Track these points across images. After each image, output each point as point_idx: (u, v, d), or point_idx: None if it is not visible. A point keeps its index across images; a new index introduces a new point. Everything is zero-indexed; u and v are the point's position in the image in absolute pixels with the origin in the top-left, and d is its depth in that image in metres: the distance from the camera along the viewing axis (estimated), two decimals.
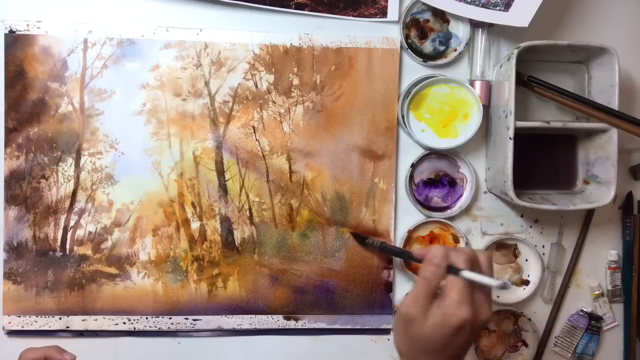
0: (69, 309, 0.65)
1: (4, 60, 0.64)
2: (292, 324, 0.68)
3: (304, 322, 0.68)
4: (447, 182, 0.68)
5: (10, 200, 0.64)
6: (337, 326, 0.68)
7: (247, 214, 0.67)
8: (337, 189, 0.67)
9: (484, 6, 0.65)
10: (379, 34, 0.67)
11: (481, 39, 0.67)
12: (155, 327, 0.66)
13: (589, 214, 0.70)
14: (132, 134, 0.65)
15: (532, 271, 0.69)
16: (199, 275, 0.66)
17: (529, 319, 0.69)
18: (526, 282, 0.69)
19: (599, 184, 0.66)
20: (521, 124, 0.61)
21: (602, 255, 0.71)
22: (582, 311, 0.70)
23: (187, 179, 0.66)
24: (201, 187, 0.66)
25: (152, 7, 0.66)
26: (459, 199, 0.69)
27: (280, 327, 0.68)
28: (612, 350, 0.72)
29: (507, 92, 0.61)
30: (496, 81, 0.66)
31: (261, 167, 0.67)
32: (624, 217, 0.71)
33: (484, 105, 0.66)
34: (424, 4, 0.67)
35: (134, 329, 0.66)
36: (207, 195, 0.66)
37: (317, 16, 0.67)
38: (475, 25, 0.67)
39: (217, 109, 0.66)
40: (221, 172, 0.67)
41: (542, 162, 0.69)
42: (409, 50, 0.67)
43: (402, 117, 0.66)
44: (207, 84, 0.66)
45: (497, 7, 0.65)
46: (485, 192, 0.70)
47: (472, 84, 0.67)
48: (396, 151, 0.68)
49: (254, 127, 0.67)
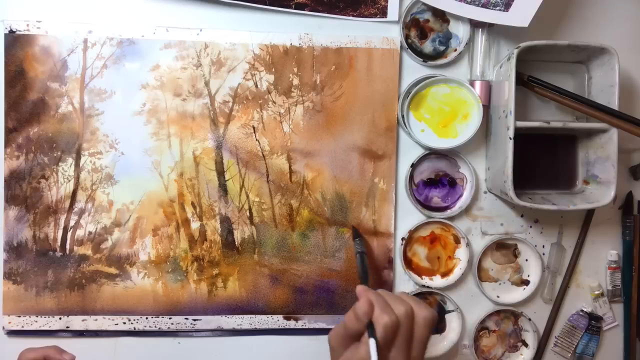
0: (69, 309, 0.65)
1: (4, 60, 0.64)
2: (292, 324, 0.68)
3: (304, 322, 0.68)
4: (447, 182, 0.68)
5: (10, 200, 0.64)
6: None
7: (247, 214, 0.67)
8: (337, 189, 0.67)
9: (484, 6, 0.65)
10: (379, 34, 0.67)
11: (481, 39, 0.67)
12: (155, 327, 0.66)
13: (589, 214, 0.70)
14: (132, 134, 0.65)
15: (532, 271, 0.69)
16: (199, 275, 0.66)
17: (529, 319, 0.69)
18: (526, 282, 0.69)
19: (599, 184, 0.66)
20: (521, 124, 0.61)
21: (602, 255, 0.71)
22: (582, 311, 0.70)
23: (187, 179, 0.66)
24: (201, 187, 0.66)
25: (152, 7, 0.66)
26: (459, 199, 0.69)
27: (280, 327, 0.68)
28: (612, 350, 0.72)
29: (507, 92, 0.61)
30: (496, 81, 0.66)
31: (261, 167, 0.67)
32: (624, 217, 0.71)
33: (484, 105, 0.66)
34: (424, 4, 0.67)
35: (134, 329, 0.66)
36: (207, 195, 0.66)
37: (317, 16, 0.67)
38: (475, 25, 0.67)
39: (217, 109, 0.66)
40: (221, 172, 0.67)
41: (542, 162, 0.69)
42: (409, 50, 0.67)
43: (402, 117, 0.66)
44: (207, 84, 0.66)
45: (497, 7, 0.65)
46: (485, 192, 0.70)
47: (472, 84, 0.67)
48: (396, 151, 0.68)
49: (254, 127, 0.67)
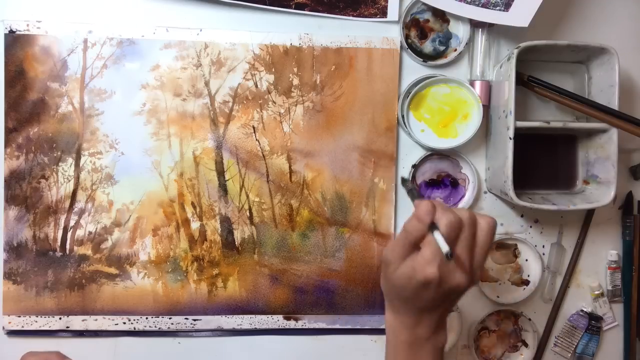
0: (69, 309, 0.65)
1: (4, 60, 0.64)
2: (292, 324, 0.68)
3: (304, 322, 0.68)
4: (449, 183, 0.68)
5: (10, 200, 0.64)
6: (337, 326, 0.68)
7: (247, 214, 0.67)
8: (337, 189, 0.67)
9: (484, 6, 0.65)
10: (379, 34, 0.67)
11: (481, 39, 0.67)
12: (155, 327, 0.66)
13: (589, 214, 0.70)
14: (132, 134, 0.65)
15: (532, 271, 0.69)
16: (199, 275, 0.66)
17: (529, 319, 0.69)
18: (526, 282, 0.69)
19: (599, 184, 0.66)
20: (521, 124, 0.61)
21: (602, 255, 0.71)
22: (582, 311, 0.70)
23: (187, 179, 0.66)
24: (201, 187, 0.66)
25: (152, 7, 0.66)
26: (461, 199, 0.69)
27: (280, 327, 0.68)
28: (612, 350, 0.72)
29: (507, 92, 0.61)
30: (496, 81, 0.66)
31: (261, 167, 0.67)
32: (624, 217, 0.71)
33: (484, 105, 0.66)
34: (424, 4, 0.67)
35: (134, 329, 0.66)
36: (207, 195, 0.66)
37: (317, 16, 0.67)
38: (475, 25, 0.67)
39: (217, 109, 0.66)
40: (221, 172, 0.67)
41: (542, 162, 0.69)
42: (409, 50, 0.67)
43: (402, 117, 0.66)
44: (207, 84, 0.66)
45: (497, 7, 0.65)
46: (485, 192, 0.70)
47: (472, 84, 0.67)
48: (396, 151, 0.68)
49: (254, 127, 0.67)
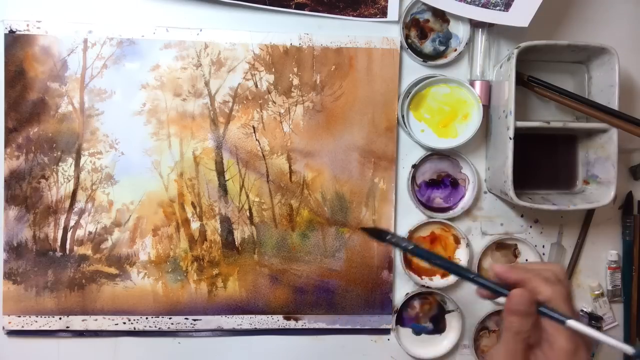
0: (69, 309, 0.65)
1: (4, 60, 0.64)
2: (292, 324, 0.68)
3: (304, 322, 0.68)
4: (449, 183, 0.68)
5: (10, 200, 0.64)
6: (337, 326, 0.68)
7: (247, 214, 0.67)
8: (337, 189, 0.67)
9: (484, 6, 0.65)
10: (379, 34, 0.67)
11: (481, 39, 0.67)
12: (155, 327, 0.66)
13: (589, 214, 0.70)
14: (132, 134, 0.65)
15: None
16: (199, 275, 0.66)
17: None
18: None
19: (599, 184, 0.66)
20: (521, 124, 0.61)
21: (602, 255, 0.71)
22: (582, 311, 0.70)
23: (187, 179, 0.66)
24: (201, 187, 0.66)
25: (152, 7, 0.66)
26: (461, 199, 0.69)
27: (280, 327, 0.68)
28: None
29: (507, 92, 0.61)
30: (496, 81, 0.66)
31: (261, 167, 0.67)
32: (624, 217, 0.71)
33: (484, 105, 0.66)
34: (424, 4, 0.67)
35: (134, 329, 0.66)
36: (207, 195, 0.66)
37: (317, 16, 0.67)
38: (475, 25, 0.67)
39: (217, 109, 0.66)
40: (221, 172, 0.67)
41: (542, 162, 0.69)
42: (409, 50, 0.67)
43: (402, 117, 0.66)
44: (207, 84, 0.66)
45: (497, 7, 0.65)
46: (485, 192, 0.70)
47: (472, 84, 0.67)
48: (396, 151, 0.68)
49: (254, 127, 0.67)
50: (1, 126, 0.64)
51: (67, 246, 0.65)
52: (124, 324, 0.66)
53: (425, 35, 0.68)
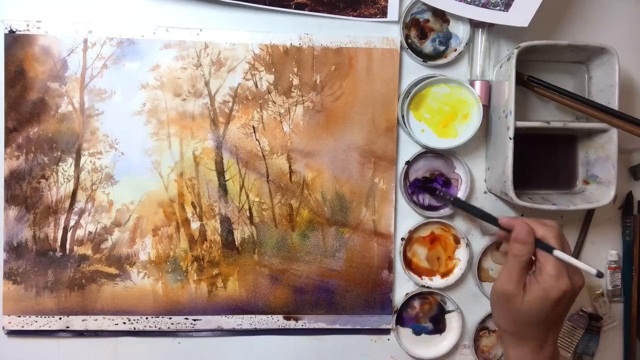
0: (69, 309, 0.65)
1: (4, 60, 0.64)
2: (292, 324, 0.68)
3: (304, 322, 0.68)
4: (442, 182, 0.68)
5: (10, 200, 0.64)
6: (337, 326, 0.68)
7: (247, 214, 0.67)
8: (337, 189, 0.67)
9: (484, 6, 0.65)
10: (379, 34, 0.67)
11: (481, 39, 0.67)
12: (155, 327, 0.66)
13: (589, 214, 0.70)
14: (132, 134, 0.65)
15: None
16: (199, 275, 0.66)
17: None
18: None
19: (599, 184, 0.66)
20: (521, 124, 0.61)
21: (602, 255, 0.71)
22: (582, 311, 0.70)
23: (187, 179, 0.66)
24: (201, 187, 0.66)
25: (152, 7, 0.66)
26: None
27: (280, 327, 0.68)
28: (612, 350, 0.72)
29: (507, 92, 0.61)
30: (496, 81, 0.66)
31: (261, 167, 0.67)
32: (624, 217, 0.71)
33: (484, 105, 0.66)
34: (424, 4, 0.67)
35: (134, 329, 0.66)
36: (207, 195, 0.66)
37: (317, 16, 0.67)
38: (475, 25, 0.67)
39: (217, 109, 0.66)
40: (221, 172, 0.67)
41: (542, 162, 0.69)
42: (409, 50, 0.67)
43: (402, 117, 0.66)
44: (207, 84, 0.66)
45: (497, 7, 0.65)
46: (485, 192, 0.70)
47: (472, 84, 0.67)
48: (396, 151, 0.68)
49: (254, 127, 0.67)
50: (1, 126, 0.64)
51: (67, 246, 0.65)
52: (124, 324, 0.66)
53: (425, 35, 0.68)
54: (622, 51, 0.63)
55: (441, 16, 0.67)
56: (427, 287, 0.68)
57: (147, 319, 0.66)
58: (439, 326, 0.69)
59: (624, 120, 0.63)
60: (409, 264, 0.68)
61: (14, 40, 0.64)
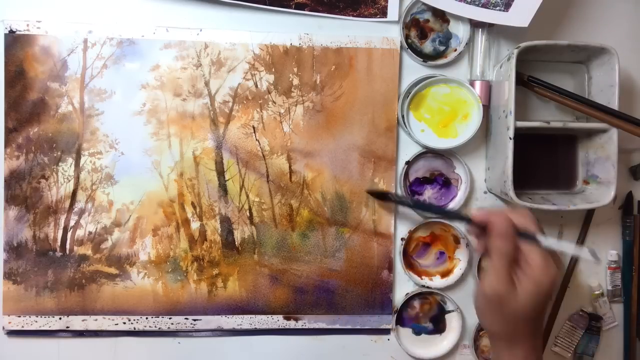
0: (69, 309, 0.65)
1: (4, 60, 0.64)
2: (292, 324, 0.68)
3: (304, 322, 0.68)
4: (442, 182, 0.68)
5: (10, 200, 0.64)
6: (337, 326, 0.68)
7: (247, 214, 0.67)
8: (337, 189, 0.67)
9: (484, 6, 0.65)
10: (379, 34, 0.67)
11: (481, 39, 0.67)
12: (155, 327, 0.66)
13: (589, 214, 0.70)
14: (132, 134, 0.65)
15: None
16: (199, 275, 0.66)
17: None
18: None
19: (599, 184, 0.66)
20: (521, 124, 0.61)
21: (602, 255, 0.71)
22: (582, 311, 0.70)
23: (187, 179, 0.66)
24: (201, 187, 0.66)
25: (152, 7, 0.66)
26: (452, 199, 0.68)
27: (280, 327, 0.68)
28: (612, 350, 0.72)
29: (507, 92, 0.61)
30: (496, 81, 0.66)
31: (261, 167, 0.67)
32: (624, 217, 0.71)
33: (484, 105, 0.66)
34: (424, 4, 0.67)
35: (134, 329, 0.66)
36: (207, 195, 0.66)
37: (317, 16, 0.67)
38: (475, 25, 0.67)
39: (217, 109, 0.66)
40: (221, 172, 0.67)
41: (542, 162, 0.69)
42: (409, 50, 0.67)
43: (402, 117, 0.66)
44: (207, 84, 0.66)
45: (497, 7, 0.65)
46: (485, 192, 0.70)
47: (472, 84, 0.67)
48: (396, 151, 0.68)
49: (254, 127, 0.67)
50: (1, 126, 0.64)
51: (67, 246, 0.65)
52: (124, 324, 0.66)
53: (425, 35, 0.68)
54: (622, 51, 0.63)
55: (441, 16, 0.67)
56: (427, 287, 0.68)
57: (147, 319, 0.66)
58: (439, 326, 0.69)
59: (624, 120, 0.63)
60: (409, 264, 0.68)
61: (14, 40, 0.64)
